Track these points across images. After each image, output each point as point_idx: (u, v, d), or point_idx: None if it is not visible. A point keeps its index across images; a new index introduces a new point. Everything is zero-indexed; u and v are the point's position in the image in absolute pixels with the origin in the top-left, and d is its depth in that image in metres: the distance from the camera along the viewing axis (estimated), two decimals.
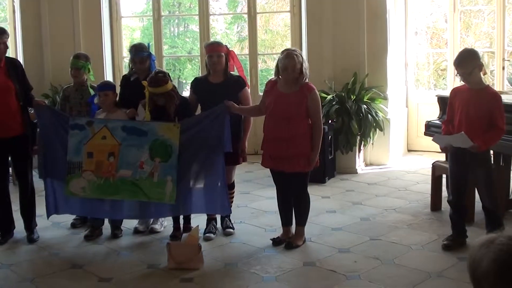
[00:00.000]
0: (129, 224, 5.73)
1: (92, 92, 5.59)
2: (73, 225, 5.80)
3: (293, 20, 9.05)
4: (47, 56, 9.05)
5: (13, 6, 9.29)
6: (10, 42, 5.97)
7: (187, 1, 16.86)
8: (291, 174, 5.03)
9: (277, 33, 16.08)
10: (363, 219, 5.90)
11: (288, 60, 4.85)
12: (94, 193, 5.19)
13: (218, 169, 5.07)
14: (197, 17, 9.54)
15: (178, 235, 5.37)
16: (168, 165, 5.05)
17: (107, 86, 5.54)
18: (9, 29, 5.82)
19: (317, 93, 5.03)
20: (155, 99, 5.13)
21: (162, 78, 5.12)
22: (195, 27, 13.18)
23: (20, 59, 8.58)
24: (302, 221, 5.21)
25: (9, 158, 5.57)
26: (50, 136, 5.29)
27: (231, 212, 5.35)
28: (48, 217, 5.43)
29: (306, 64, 4.95)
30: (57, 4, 9.03)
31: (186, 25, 17.79)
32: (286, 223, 5.28)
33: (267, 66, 14.58)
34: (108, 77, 9.09)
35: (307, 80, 5.01)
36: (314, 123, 4.97)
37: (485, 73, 4.92)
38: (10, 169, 5.79)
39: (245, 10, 9.56)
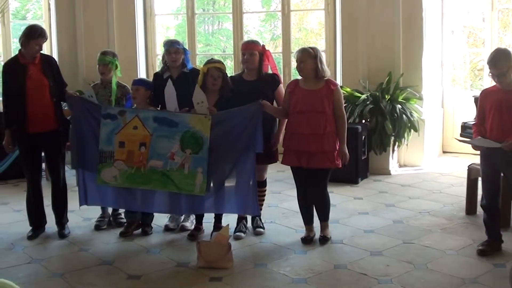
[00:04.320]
0: (159, 221, 5.72)
1: (115, 88, 5.58)
2: (97, 227, 5.74)
3: (327, 19, 8.94)
4: (81, 53, 9.09)
5: (49, 4, 9.37)
6: None
7: None
8: (316, 171, 5.02)
9: (311, 32, 15.96)
10: (396, 222, 5.79)
11: (297, 53, 5.06)
12: (125, 182, 5.23)
13: (250, 168, 5.05)
14: (230, 15, 9.49)
15: (196, 235, 5.39)
16: (199, 157, 5.06)
17: (140, 81, 5.58)
18: (44, 26, 5.83)
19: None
20: (211, 72, 5.19)
21: (219, 60, 5.40)
22: (229, 25, 13.14)
23: (55, 56, 8.64)
24: (325, 216, 5.25)
25: (42, 153, 5.60)
26: (82, 126, 5.32)
27: (260, 214, 5.33)
28: (80, 206, 5.48)
29: (323, 61, 5.05)
30: (92, 2, 9.07)
31: (220, 23, 17.77)
32: (309, 221, 5.28)
33: None
34: (142, 74, 9.11)
35: (327, 77, 5.09)
36: (339, 117, 5.03)
37: None
38: (43, 164, 5.82)
39: (279, 8, 9.49)
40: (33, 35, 5.30)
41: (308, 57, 4.98)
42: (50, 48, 9.24)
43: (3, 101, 5.41)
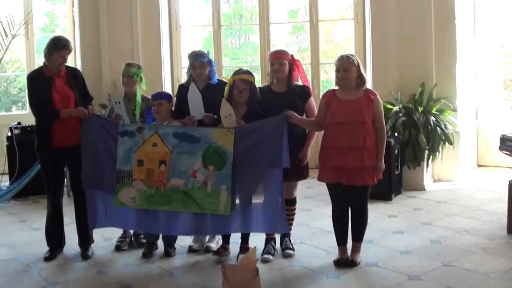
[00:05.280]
0: (183, 241, 5.47)
1: (139, 101, 5.35)
2: (118, 248, 5.49)
3: (356, 28, 8.72)
4: (105, 66, 8.91)
5: (73, 16, 9.26)
6: None
7: (248, 13, 16.74)
8: (354, 187, 4.75)
9: (338, 44, 15.77)
10: (433, 242, 5.47)
11: (339, 62, 4.77)
12: (144, 204, 4.98)
13: (277, 185, 4.80)
14: (257, 27, 9.29)
15: (222, 252, 5.15)
16: (223, 174, 4.82)
17: (161, 95, 5.31)
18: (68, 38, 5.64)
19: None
20: (237, 84, 4.96)
21: (247, 70, 5.15)
22: (255, 38, 13.02)
23: (78, 69, 8.48)
24: (360, 237, 4.96)
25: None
26: (97, 144, 5.08)
27: (289, 232, 5.07)
28: (90, 230, 5.24)
29: (362, 69, 4.80)
30: (116, 14, 8.93)
31: (247, 37, 17.70)
32: (343, 241, 4.98)
33: (329, 77, 14.28)
34: (167, 87, 8.93)
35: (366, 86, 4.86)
36: (379, 129, 4.79)
37: None
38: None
39: (307, 19, 9.24)
40: (56, 47, 5.13)
41: (352, 64, 4.74)
42: (74, 61, 9.11)
43: (33, 111, 5.20)
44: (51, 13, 13.40)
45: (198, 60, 5.28)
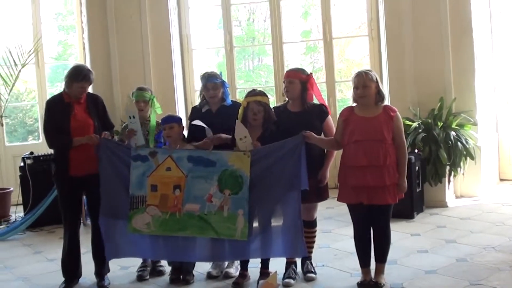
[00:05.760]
0: (201, 268, 5.33)
1: (154, 125, 5.24)
2: (141, 278, 5.32)
3: (371, 45, 8.62)
4: (117, 92, 8.83)
5: (83, 43, 9.22)
6: None
7: (260, 35, 16.73)
8: (375, 207, 4.59)
9: (352, 62, 15.69)
10: (459, 260, 5.28)
11: (358, 78, 4.63)
12: (159, 230, 4.84)
13: (295, 207, 4.64)
14: (270, 49, 9.20)
15: (241, 283, 4.97)
16: (239, 198, 4.67)
17: (172, 118, 5.18)
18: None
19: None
20: (251, 106, 4.82)
21: (261, 91, 5.01)
22: (269, 60, 12.99)
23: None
24: (384, 258, 4.76)
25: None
26: (108, 170, 4.95)
27: (310, 255, 4.91)
28: (108, 260, 5.11)
29: (381, 85, 4.67)
30: (126, 39, 8.87)
31: (260, 59, 17.68)
32: (366, 263, 4.81)
33: (344, 96, 14.18)
34: (180, 111, 8.84)
35: (385, 103, 4.72)
36: (399, 147, 4.63)
37: None
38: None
39: (320, 37, 9.13)
40: (76, 78, 5.05)
41: (371, 80, 4.60)
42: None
43: (46, 138, 5.12)
44: (64, 42, 13.44)
45: (210, 81, 5.18)
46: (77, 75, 5.05)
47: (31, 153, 7.84)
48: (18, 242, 7.07)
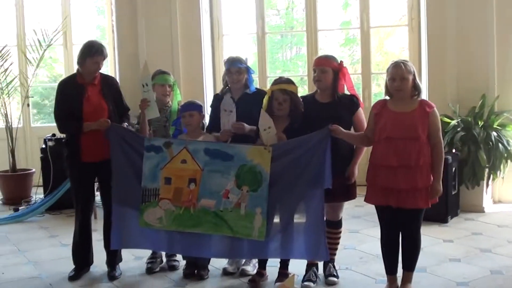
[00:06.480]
0: (217, 263, 5.10)
1: (175, 111, 4.98)
2: (150, 270, 5.11)
3: (411, 36, 8.26)
4: None
5: (112, 26, 9.05)
6: (108, 62, 5.55)
7: (299, 24, 16.54)
8: (405, 211, 4.24)
9: (391, 55, 15.39)
10: (494, 272, 4.92)
11: (396, 69, 4.26)
12: (172, 225, 4.60)
13: (318, 208, 4.34)
14: (305, 37, 8.89)
15: (257, 281, 4.73)
16: (258, 196, 4.41)
17: (192, 106, 4.91)
18: (108, 49, 5.28)
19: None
20: (275, 95, 4.55)
21: (288, 79, 4.73)
22: (305, 50, 12.78)
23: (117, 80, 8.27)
24: (412, 266, 4.41)
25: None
26: (120, 160, 4.70)
27: (328, 259, 4.61)
28: (112, 248, 4.89)
29: (417, 77, 4.31)
30: (155, 24, 8.69)
31: (298, 48, 17.49)
32: (392, 270, 4.47)
33: (380, 90, 13.87)
34: (208, 99, 8.53)
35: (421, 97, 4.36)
36: (435, 146, 4.26)
37: None
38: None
39: (358, 25, 8.77)
40: (88, 52, 4.81)
41: (409, 73, 4.25)
42: (114, 71, 8.95)
43: (56, 122, 4.92)
44: (102, 26, 13.34)
45: (234, 65, 4.89)
46: (90, 50, 4.82)
47: (53, 135, 7.72)
48: (36, 224, 7.04)
